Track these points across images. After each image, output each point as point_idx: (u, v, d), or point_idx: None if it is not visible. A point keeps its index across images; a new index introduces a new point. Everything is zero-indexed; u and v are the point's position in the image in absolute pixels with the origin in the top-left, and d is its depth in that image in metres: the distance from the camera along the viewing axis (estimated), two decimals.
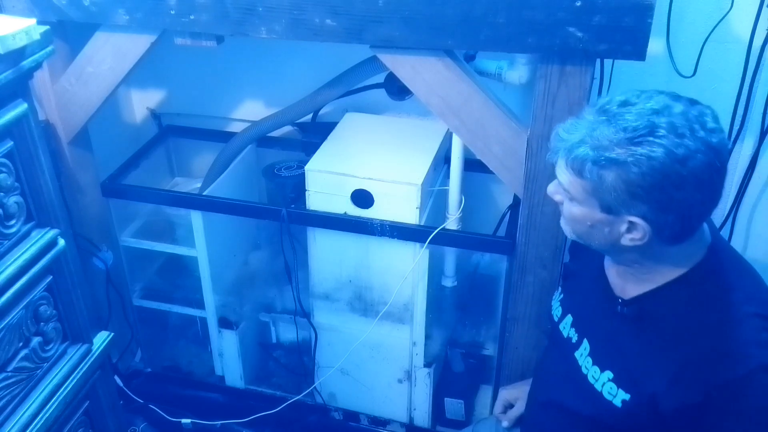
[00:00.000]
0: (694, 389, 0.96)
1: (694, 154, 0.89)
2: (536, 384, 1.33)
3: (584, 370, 1.12)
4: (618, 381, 1.06)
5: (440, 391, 1.87)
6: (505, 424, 1.42)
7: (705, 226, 1.03)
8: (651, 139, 0.89)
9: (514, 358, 1.61)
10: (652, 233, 0.95)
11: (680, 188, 0.90)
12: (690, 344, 0.98)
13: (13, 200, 1.09)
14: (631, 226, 0.96)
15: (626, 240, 0.98)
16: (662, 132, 0.89)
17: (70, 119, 1.60)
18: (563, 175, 0.99)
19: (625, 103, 0.93)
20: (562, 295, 1.27)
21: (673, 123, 0.89)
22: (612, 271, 1.12)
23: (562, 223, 1.08)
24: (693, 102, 0.94)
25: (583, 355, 1.14)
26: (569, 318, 1.21)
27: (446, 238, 1.57)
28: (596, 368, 1.10)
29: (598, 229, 0.99)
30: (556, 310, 1.26)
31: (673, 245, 0.99)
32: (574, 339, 1.17)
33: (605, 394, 1.07)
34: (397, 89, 1.58)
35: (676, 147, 0.88)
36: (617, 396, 1.05)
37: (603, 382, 1.08)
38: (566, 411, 1.16)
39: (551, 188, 1.06)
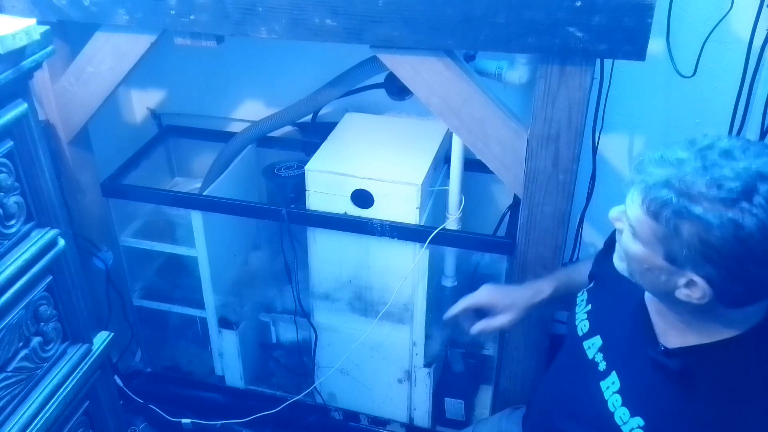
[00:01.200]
0: None
1: None
2: (543, 399, 1.24)
3: (611, 408, 1.02)
4: (648, 429, 0.97)
5: (440, 391, 1.87)
6: (473, 331, 1.33)
7: None
8: (745, 205, 0.79)
9: (514, 358, 1.61)
10: (712, 296, 0.86)
11: (760, 265, 0.82)
12: (745, 409, 0.90)
13: (13, 200, 1.09)
14: (691, 284, 0.87)
15: (682, 294, 0.89)
16: (760, 200, 0.79)
17: (70, 119, 1.60)
18: (635, 211, 0.89)
19: (727, 154, 0.83)
20: (589, 306, 1.16)
21: None
22: (654, 308, 1.02)
23: (616, 258, 1.00)
24: None
25: (610, 390, 1.04)
26: (598, 340, 1.10)
27: (446, 238, 1.57)
28: (625, 410, 1.00)
29: (654, 274, 0.91)
30: (582, 324, 1.15)
31: (732, 309, 0.90)
32: (602, 367, 1.07)
33: None
34: (397, 89, 1.58)
35: None
36: None
37: (632, 427, 0.98)
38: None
39: (615, 213, 0.96)
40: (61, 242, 1.19)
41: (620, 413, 1.01)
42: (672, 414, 0.96)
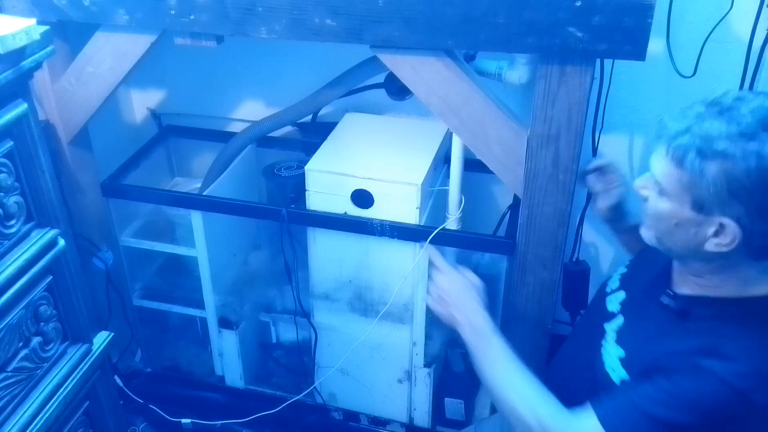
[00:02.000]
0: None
1: None
2: (554, 366, 1.31)
3: (605, 343, 1.08)
4: (625, 362, 1.03)
5: (440, 391, 1.87)
6: None
7: None
8: (765, 137, 0.84)
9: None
10: (741, 240, 0.89)
11: None
12: (721, 357, 0.92)
13: (13, 200, 1.09)
14: (721, 229, 0.90)
15: (711, 245, 0.92)
16: None
17: (70, 119, 1.60)
18: (660, 164, 0.93)
19: (740, 98, 0.88)
20: (624, 270, 1.22)
21: None
22: (678, 268, 1.06)
23: (644, 228, 1.02)
24: None
25: (611, 328, 1.10)
26: (622, 294, 1.15)
27: (446, 238, 1.57)
28: (615, 345, 1.07)
29: (683, 228, 0.94)
30: (613, 283, 1.20)
31: (756, 261, 0.93)
32: (614, 311, 1.13)
33: (608, 369, 1.05)
34: (397, 89, 1.58)
35: None
36: (617, 373, 1.03)
37: (612, 357, 1.05)
38: (574, 376, 1.15)
39: (640, 181, 1.00)
40: (61, 242, 1.19)
41: (609, 347, 1.07)
42: (651, 343, 1.00)
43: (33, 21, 1.03)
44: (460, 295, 1.25)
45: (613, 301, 1.17)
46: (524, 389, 1.07)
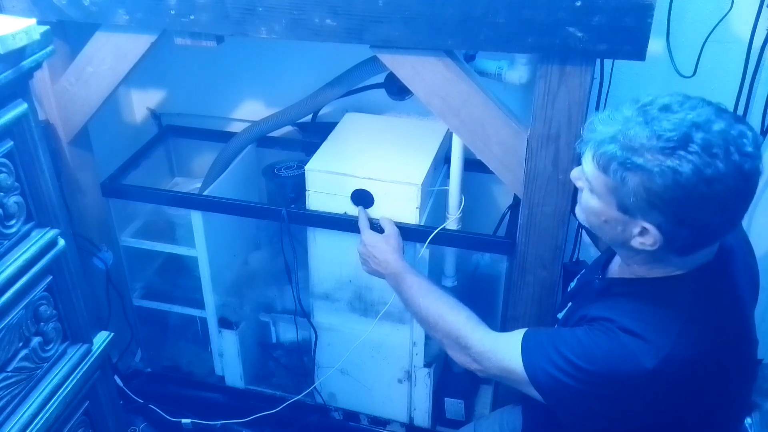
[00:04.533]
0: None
1: (722, 177, 0.86)
2: None
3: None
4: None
5: (440, 391, 1.87)
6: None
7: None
8: (682, 153, 0.86)
9: None
10: (663, 242, 0.94)
11: (700, 208, 0.88)
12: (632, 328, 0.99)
13: (13, 200, 1.09)
14: (644, 231, 0.95)
15: (636, 242, 0.97)
16: (695, 148, 0.86)
17: (70, 119, 1.60)
18: (588, 166, 0.97)
19: (666, 108, 0.90)
20: (584, 270, 1.29)
21: (709, 141, 0.86)
22: (617, 259, 1.13)
23: (578, 209, 1.08)
24: (738, 120, 0.90)
25: (560, 316, 1.19)
26: (576, 288, 1.23)
27: (446, 238, 1.57)
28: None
29: (611, 225, 0.99)
30: (560, 306, 1.27)
31: (681, 256, 0.98)
32: (566, 300, 1.23)
33: None
34: (397, 89, 1.58)
35: (706, 167, 0.85)
36: None
37: None
38: None
39: (575, 173, 1.05)
40: (61, 242, 1.19)
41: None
42: (574, 317, 1.09)
43: (33, 21, 1.03)
44: (375, 251, 1.43)
45: (567, 294, 1.25)
46: (448, 313, 1.22)
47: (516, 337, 1.09)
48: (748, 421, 1.93)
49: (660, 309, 0.99)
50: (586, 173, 0.99)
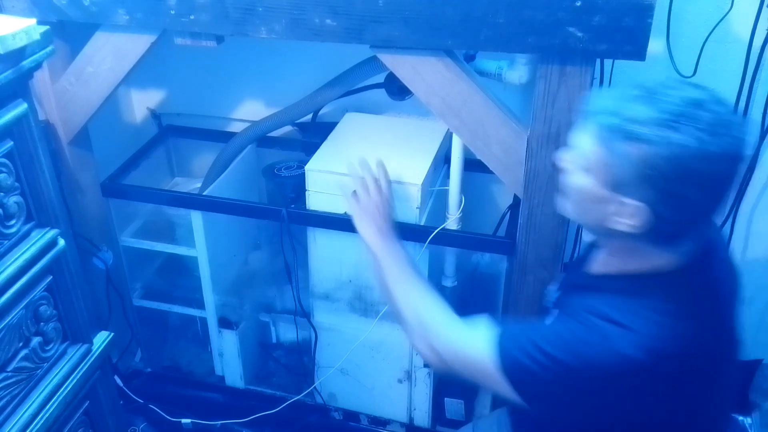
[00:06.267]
0: None
1: (721, 157, 0.86)
2: None
3: None
4: None
5: (440, 391, 1.87)
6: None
7: (698, 247, 1.00)
8: (685, 127, 0.86)
9: None
10: (649, 223, 0.92)
11: (694, 186, 0.88)
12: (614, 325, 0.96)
13: (13, 200, 1.09)
14: (631, 210, 0.93)
15: (621, 224, 0.94)
16: (702, 125, 0.85)
17: (70, 119, 1.60)
18: (584, 140, 0.95)
19: (668, 86, 0.90)
20: (564, 274, 1.28)
21: (714, 120, 0.86)
22: (594, 250, 1.12)
23: (560, 199, 1.06)
24: (731, 107, 0.92)
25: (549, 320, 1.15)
26: (557, 293, 1.20)
27: (446, 238, 1.57)
28: None
29: (598, 205, 0.96)
30: (554, 284, 1.24)
31: (661, 246, 0.97)
32: (550, 306, 1.19)
33: None
34: (397, 89, 1.58)
35: (709, 144, 0.85)
36: None
37: None
38: None
39: (561, 156, 1.03)
40: (61, 242, 1.19)
41: None
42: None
43: (33, 21, 1.03)
44: (360, 226, 1.38)
45: (549, 299, 1.22)
46: (422, 298, 1.20)
47: (484, 328, 1.06)
48: (748, 421, 1.93)
49: (644, 301, 0.96)
50: (578, 148, 0.97)
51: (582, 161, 0.96)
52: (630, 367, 0.92)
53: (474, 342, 1.06)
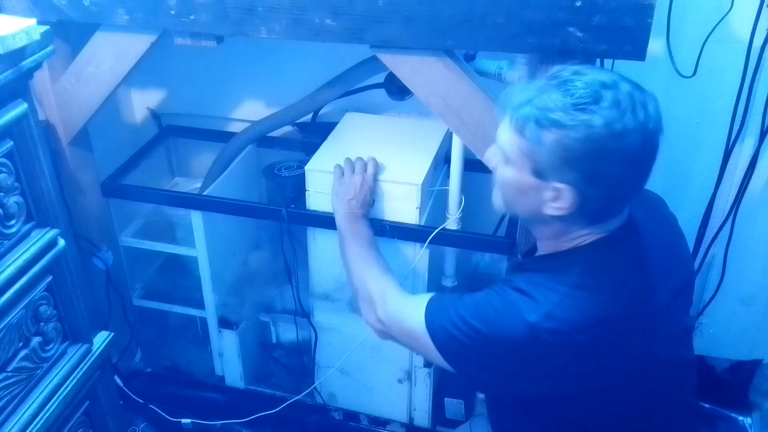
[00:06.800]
0: None
1: (630, 132, 0.91)
2: None
3: None
4: None
5: (440, 391, 1.87)
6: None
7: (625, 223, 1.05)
8: (594, 107, 0.91)
9: None
10: (577, 204, 0.97)
11: (610, 162, 0.93)
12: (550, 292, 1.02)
13: (13, 200, 1.09)
14: (558, 194, 0.97)
15: (551, 208, 0.99)
16: (606, 104, 0.91)
17: (70, 119, 1.60)
18: (504, 133, 1.01)
19: (577, 72, 0.95)
20: None
21: (618, 99, 0.92)
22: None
23: (494, 193, 1.10)
24: (641, 88, 0.96)
25: None
26: None
27: (446, 238, 1.57)
28: None
29: (525, 194, 1.01)
30: None
31: (593, 224, 1.02)
32: None
33: None
34: (397, 89, 1.58)
35: (615, 121, 0.91)
36: None
37: None
38: None
39: (489, 152, 1.08)
40: (61, 242, 1.19)
41: None
42: None
43: (33, 21, 1.03)
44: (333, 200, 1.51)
45: None
46: (374, 269, 1.31)
47: (423, 299, 1.14)
48: (747, 421, 1.93)
49: (553, 274, 1.03)
50: (500, 145, 1.02)
51: (505, 154, 1.01)
52: (531, 333, 0.98)
53: (410, 311, 1.15)
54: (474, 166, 1.60)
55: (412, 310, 1.15)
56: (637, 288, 1.05)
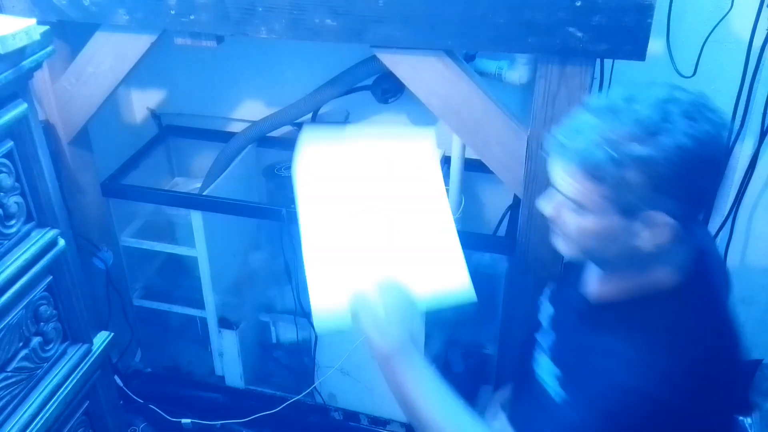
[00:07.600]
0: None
1: (711, 137, 0.85)
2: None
3: (539, 360, 1.08)
4: (563, 382, 1.01)
5: None
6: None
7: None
8: (668, 126, 0.84)
9: (514, 358, 1.61)
10: (678, 226, 0.88)
11: (701, 174, 0.87)
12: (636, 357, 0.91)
13: (13, 200, 1.09)
14: (653, 223, 0.88)
15: (648, 242, 0.90)
16: (677, 119, 0.84)
17: (70, 119, 1.60)
18: (572, 185, 0.90)
19: (630, 98, 0.88)
20: (555, 286, 1.20)
21: (685, 109, 0.86)
22: (593, 270, 1.05)
23: (561, 242, 0.99)
24: (686, 90, 0.91)
25: (544, 345, 1.09)
26: (551, 308, 1.15)
27: None
28: (550, 363, 1.05)
29: (616, 238, 0.91)
30: (545, 294, 1.20)
31: (661, 256, 0.93)
32: (546, 325, 1.13)
33: (544, 384, 1.04)
34: (381, 92, 1.58)
35: (696, 132, 0.84)
36: (556, 391, 1.01)
37: (551, 376, 1.03)
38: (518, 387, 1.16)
39: (550, 207, 0.96)
40: (61, 242, 1.19)
41: (543, 362, 1.07)
42: (581, 360, 0.98)
43: (33, 21, 1.03)
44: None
45: (544, 314, 1.15)
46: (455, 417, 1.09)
47: None
48: (748, 421, 1.93)
49: (650, 328, 0.93)
50: (569, 195, 0.91)
51: (578, 203, 0.91)
52: (652, 400, 0.88)
53: None
54: (474, 166, 1.60)
55: None
56: (724, 323, 0.99)
